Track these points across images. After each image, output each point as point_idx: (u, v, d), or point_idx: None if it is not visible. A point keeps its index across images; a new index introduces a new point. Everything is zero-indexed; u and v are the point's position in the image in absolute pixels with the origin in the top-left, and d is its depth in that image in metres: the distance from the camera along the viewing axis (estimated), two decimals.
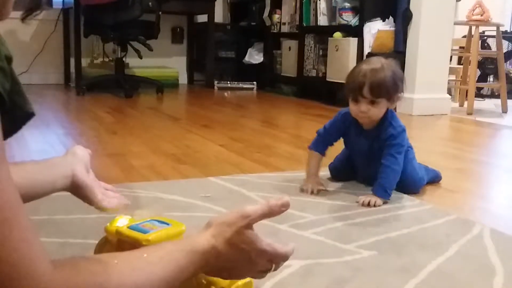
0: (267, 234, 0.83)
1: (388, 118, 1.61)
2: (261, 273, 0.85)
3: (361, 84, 1.53)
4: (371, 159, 1.64)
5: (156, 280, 0.68)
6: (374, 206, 1.50)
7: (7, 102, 0.51)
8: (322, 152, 1.69)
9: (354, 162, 1.74)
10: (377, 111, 1.57)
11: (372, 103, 1.55)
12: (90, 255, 0.90)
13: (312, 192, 1.61)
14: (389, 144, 1.58)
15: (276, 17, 4.80)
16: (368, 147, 1.64)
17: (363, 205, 1.51)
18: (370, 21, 3.71)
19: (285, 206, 0.80)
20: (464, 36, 4.29)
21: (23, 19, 0.61)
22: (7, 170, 0.51)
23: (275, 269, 0.85)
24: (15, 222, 0.51)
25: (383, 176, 1.56)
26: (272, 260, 0.83)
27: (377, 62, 1.56)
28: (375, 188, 1.56)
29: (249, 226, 0.78)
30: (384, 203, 1.53)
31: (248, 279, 0.92)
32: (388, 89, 1.54)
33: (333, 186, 1.73)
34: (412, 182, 1.66)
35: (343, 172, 1.78)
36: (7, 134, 0.53)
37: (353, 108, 1.59)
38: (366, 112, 1.56)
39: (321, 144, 1.69)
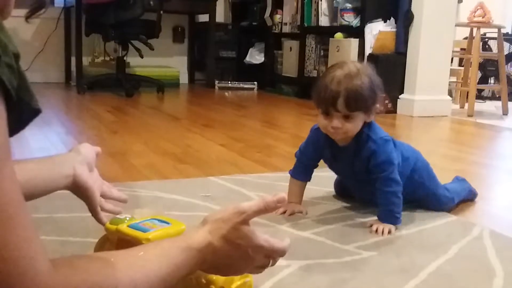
0: (266, 234, 0.83)
1: (364, 131, 1.35)
2: (258, 269, 0.85)
3: (335, 95, 1.27)
4: (359, 180, 1.44)
5: (153, 277, 0.68)
6: (389, 233, 1.32)
7: (15, 98, 0.51)
8: (303, 179, 1.47)
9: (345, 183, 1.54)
10: (352, 127, 1.31)
11: (346, 118, 1.30)
12: (88, 254, 0.90)
13: (283, 213, 1.42)
14: (375, 164, 1.34)
15: (277, 17, 4.80)
16: (350, 166, 1.40)
17: (376, 232, 1.32)
18: (371, 22, 3.71)
19: (280, 202, 0.81)
20: (465, 38, 4.29)
21: (27, 18, 0.62)
22: (12, 168, 0.52)
23: (272, 265, 0.86)
24: (17, 221, 0.51)
25: (387, 203, 1.35)
26: (269, 256, 0.83)
27: (352, 68, 1.30)
28: (381, 216, 1.36)
29: (245, 222, 0.79)
30: (397, 229, 1.35)
31: (247, 279, 0.92)
32: (366, 100, 1.29)
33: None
34: (437, 206, 1.50)
35: (349, 188, 1.56)
36: (14, 131, 0.54)
37: (323, 123, 1.33)
38: (340, 128, 1.30)
39: (300, 169, 1.48)
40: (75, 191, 1.03)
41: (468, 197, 1.62)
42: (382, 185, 1.35)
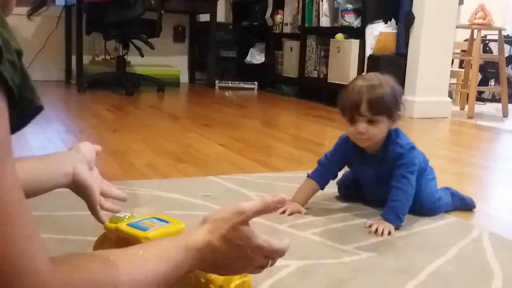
0: (265, 234, 0.83)
1: (392, 138, 1.42)
2: (257, 269, 0.85)
3: (358, 101, 1.35)
4: (379, 184, 1.46)
5: (153, 276, 0.68)
6: (389, 234, 1.31)
7: (17, 96, 0.51)
8: (320, 183, 1.50)
9: (361, 186, 1.56)
10: (377, 131, 1.38)
11: (371, 122, 1.37)
12: (87, 252, 0.90)
13: (283, 212, 1.42)
14: (399, 164, 1.40)
15: (278, 17, 4.80)
16: (374, 174, 1.46)
17: (375, 233, 1.32)
18: (372, 23, 3.71)
19: (280, 203, 0.81)
20: (466, 40, 4.30)
21: (29, 15, 0.62)
22: (13, 166, 0.51)
23: (271, 265, 0.86)
24: (18, 219, 0.51)
25: (395, 199, 1.37)
26: (268, 256, 0.83)
27: (374, 78, 1.39)
28: (385, 213, 1.37)
29: (244, 222, 0.79)
30: (396, 229, 1.35)
31: (246, 278, 0.92)
32: (388, 105, 1.37)
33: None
34: (428, 206, 1.47)
35: (352, 189, 1.58)
36: (16, 129, 0.54)
37: (350, 130, 1.40)
38: (365, 133, 1.37)
39: (321, 174, 1.51)
40: (74, 190, 1.03)
41: (461, 207, 1.57)
42: (395, 181, 1.39)
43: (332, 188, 1.63)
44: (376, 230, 1.32)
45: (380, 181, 1.46)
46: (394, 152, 1.41)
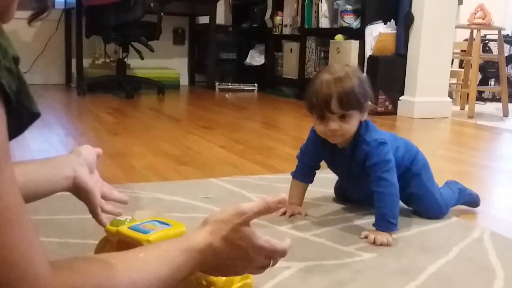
0: (266, 234, 0.83)
1: (360, 133, 1.34)
2: (259, 269, 0.85)
3: (327, 97, 1.27)
4: (356, 181, 1.44)
5: (153, 278, 0.68)
6: (387, 244, 1.26)
7: (14, 102, 0.51)
8: (305, 180, 1.48)
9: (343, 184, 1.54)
10: (349, 127, 1.31)
11: (342, 118, 1.29)
12: (88, 256, 0.90)
13: (283, 214, 1.42)
14: (370, 165, 1.33)
15: (277, 19, 4.81)
16: (347, 168, 1.41)
17: (374, 243, 1.26)
18: (371, 24, 3.71)
19: (281, 203, 0.81)
20: (466, 40, 4.30)
21: (29, 21, 0.61)
22: (11, 171, 0.52)
23: (273, 265, 0.86)
24: (16, 223, 0.51)
25: (381, 205, 1.31)
26: (270, 256, 0.83)
27: (340, 70, 1.30)
28: (376, 223, 1.32)
29: (245, 223, 0.79)
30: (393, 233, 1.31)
31: (248, 280, 0.92)
32: (358, 98, 1.29)
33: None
34: (436, 216, 1.46)
35: (347, 189, 1.56)
36: (13, 135, 0.54)
37: (320, 128, 1.33)
38: (338, 130, 1.30)
39: (302, 170, 1.48)
40: (75, 193, 1.03)
41: (468, 202, 1.57)
42: (374, 185, 1.33)
43: (331, 189, 1.63)
44: (375, 241, 1.27)
45: (353, 179, 1.43)
46: (361, 151, 1.35)
